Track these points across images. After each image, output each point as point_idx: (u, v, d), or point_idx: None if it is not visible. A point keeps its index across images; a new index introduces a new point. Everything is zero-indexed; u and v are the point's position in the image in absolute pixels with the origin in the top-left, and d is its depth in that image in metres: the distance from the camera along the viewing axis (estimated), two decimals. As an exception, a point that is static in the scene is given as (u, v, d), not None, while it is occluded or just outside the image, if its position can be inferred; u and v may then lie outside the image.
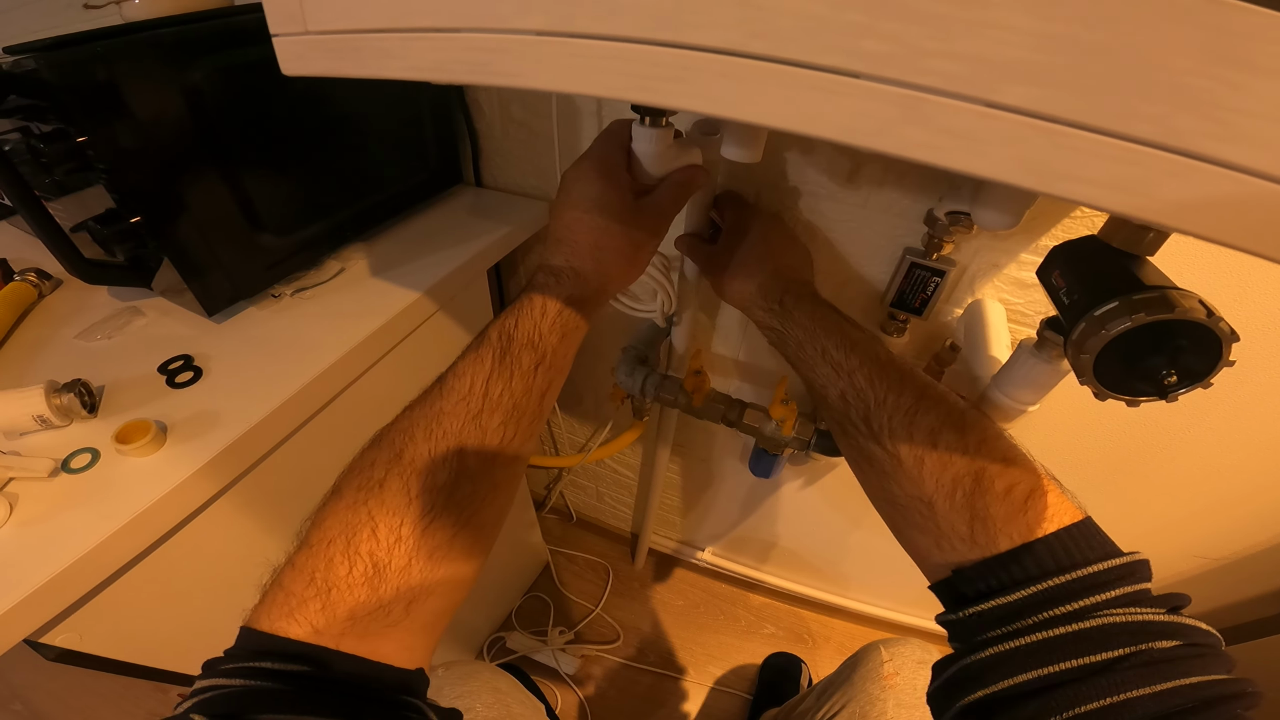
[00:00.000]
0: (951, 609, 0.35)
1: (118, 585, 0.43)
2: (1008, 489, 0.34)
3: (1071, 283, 0.41)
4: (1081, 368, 0.37)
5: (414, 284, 0.59)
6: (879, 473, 0.39)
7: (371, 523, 0.33)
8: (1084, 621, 0.29)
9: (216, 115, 0.48)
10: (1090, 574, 0.30)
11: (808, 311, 0.46)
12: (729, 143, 0.46)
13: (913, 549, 0.39)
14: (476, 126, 0.73)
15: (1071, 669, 0.28)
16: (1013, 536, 0.32)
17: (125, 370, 0.51)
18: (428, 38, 0.25)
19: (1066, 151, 0.18)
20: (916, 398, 0.38)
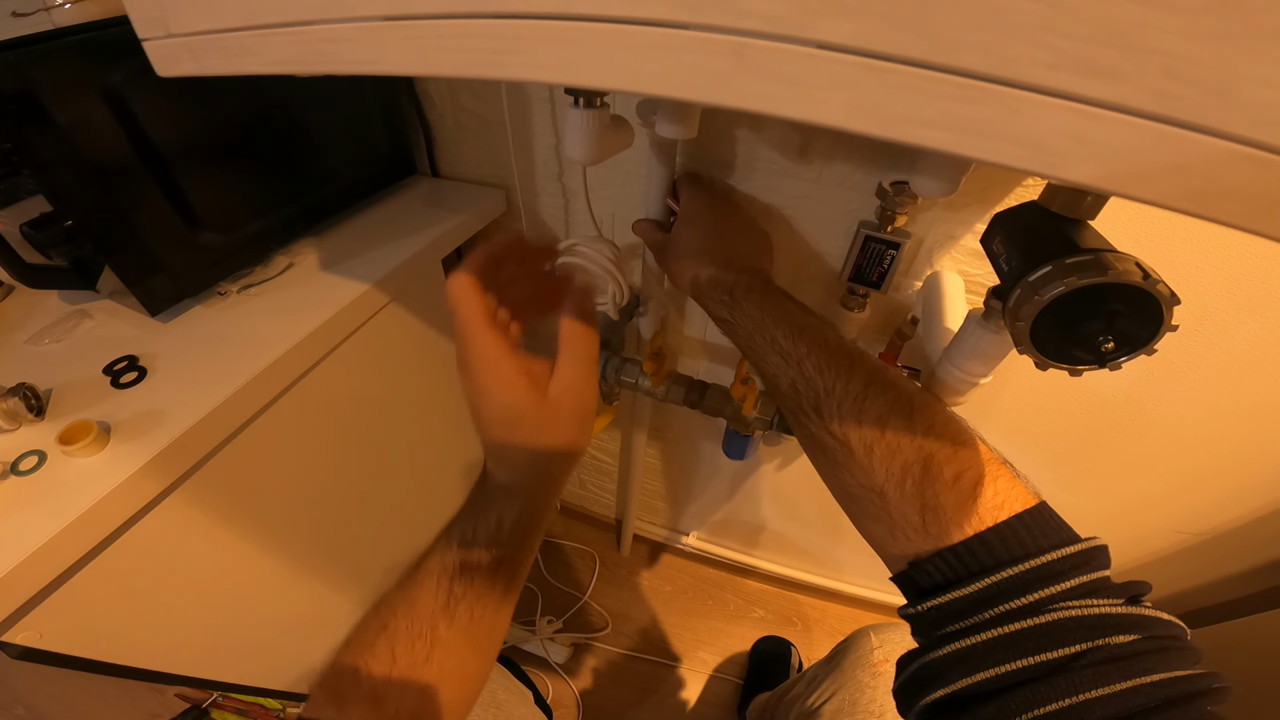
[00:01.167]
0: (911, 602, 0.34)
1: (74, 583, 0.43)
2: (956, 476, 0.33)
3: (1010, 250, 0.40)
4: (1019, 335, 0.36)
5: (364, 276, 0.58)
6: (832, 462, 0.38)
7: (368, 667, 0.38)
8: (1039, 616, 0.28)
9: (142, 116, 0.47)
10: (1044, 564, 0.29)
11: (756, 301, 0.45)
12: (662, 120, 0.46)
13: (871, 540, 0.38)
14: (428, 117, 0.72)
15: (1028, 667, 0.27)
16: (964, 526, 0.31)
17: (72, 373, 0.50)
18: (282, 33, 0.25)
19: (900, 92, 0.17)
20: (865, 384, 0.37)
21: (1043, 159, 0.16)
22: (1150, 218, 0.51)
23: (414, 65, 0.22)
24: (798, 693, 0.79)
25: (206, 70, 0.28)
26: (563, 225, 0.76)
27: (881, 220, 0.57)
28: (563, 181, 0.71)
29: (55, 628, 0.44)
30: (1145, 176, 0.16)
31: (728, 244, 0.51)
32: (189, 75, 0.29)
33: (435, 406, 0.82)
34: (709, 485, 1.12)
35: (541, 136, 0.68)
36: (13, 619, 0.40)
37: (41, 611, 0.42)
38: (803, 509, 1.07)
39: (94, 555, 0.44)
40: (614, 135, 0.48)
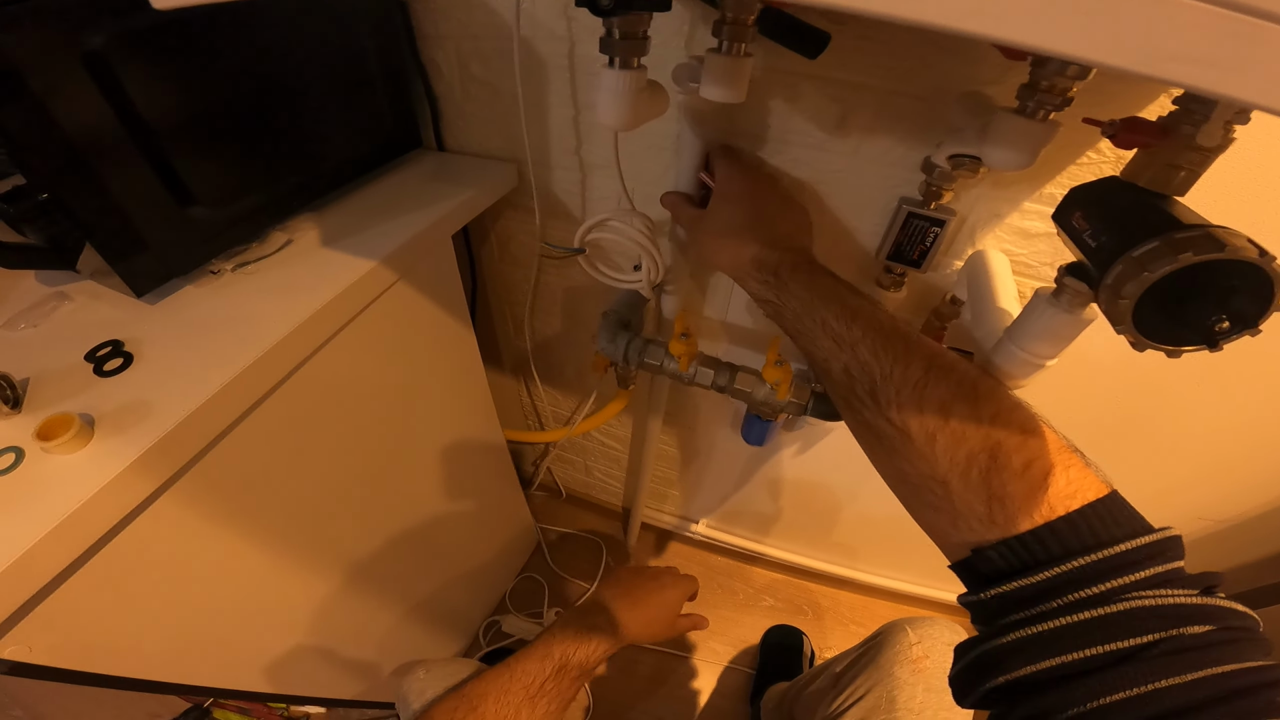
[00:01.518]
0: (973, 590, 0.34)
1: (62, 592, 0.40)
2: (1026, 465, 0.32)
3: (1098, 225, 0.37)
4: (1119, 315, 0.33)
5: (370, 252, 0.54)
6: (889, 450, 0.37)
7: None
8: (1111, 605, 0.27)
9: (127, 82, 0.42)
10: (1117, 553, 0.29)
11: (804, 282, 0.43)
12: (709, 81, 0.42)
13: (929, 528, 0.37)
14: (435, 88, 0.67)
15: (1096, 656, 0.26)
16: (1033, 515, 0.31)
17: (51, 360, 0.46)
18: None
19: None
20: (925, 368, 0.36)
21: None
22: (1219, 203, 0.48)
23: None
24: (821, 687, 0.76)
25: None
26: (579, 200, 0.71)
27: (925, 196, 0.54)
28: (580, 155, 0.66)
29: (45, 641, 0.41)
30: None
31: (769, 221, 0.49)
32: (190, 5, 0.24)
33: (446, 392, 0.78)
34: (722, 472, 1.09)
35: (558, 108, 0.63)
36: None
37: (29, 624, 0.39)
38: (818, 495, 1.05)
39: (83, 561, 0.40)
40: (649, 100, 0.45)
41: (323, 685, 0.77)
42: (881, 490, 0.40)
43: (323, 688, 0.77)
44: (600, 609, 0.66)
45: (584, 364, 0.97)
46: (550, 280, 0.85)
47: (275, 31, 0.50)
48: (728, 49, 0.39)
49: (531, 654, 0.59)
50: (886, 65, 0.49)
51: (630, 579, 0.72)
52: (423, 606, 0.92)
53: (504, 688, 0.55)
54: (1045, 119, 0.38)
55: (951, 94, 0.49)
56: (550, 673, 0.57)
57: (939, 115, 0.50)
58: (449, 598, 1.01)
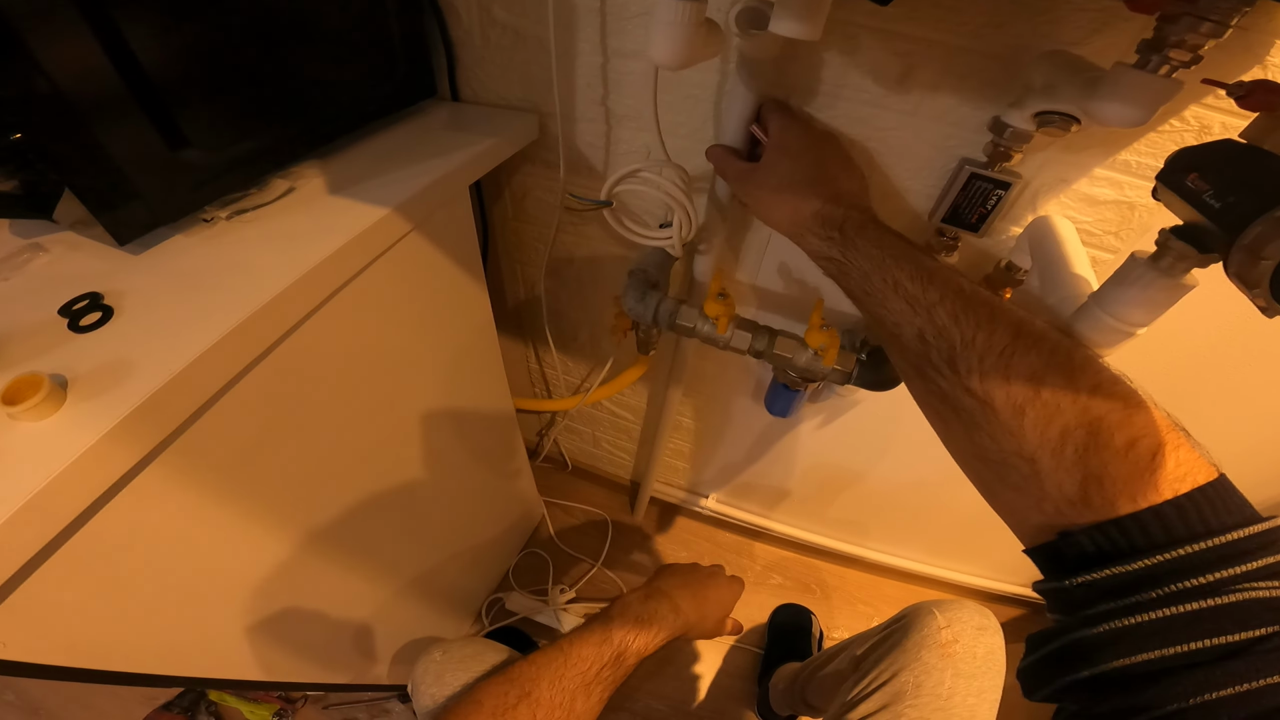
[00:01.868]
0: (1053, 576, 0.32)
1: (34, 581, 0.35)
2: (1130, 443, 0.29)
3: (1221, 185, 0.35)
4: (1257, 278, 0.30)
5: (382, 200, 0.49)
6: (966, 424, 0.34)
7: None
8: (1221, 596, 0.25)
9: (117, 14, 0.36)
10: (1229, 542, 0.26)
11: (873, 239, 0.40)
12: (782, 15, 0.37)
13: (1005, 510, 0.35)
14: (452, 34, 0.62)
15: (1202, 649, 0.25)
16: (1135, 499, 0.28)
17: (22, 316, 0.40)
18: None
19: None
20: (1013, 335, 0.33)
21: None
22: None
23: None
24: (839, 669, 0.74)
25: None
26: (602, 154, 0.66)
27: (991, 158, 0.51)
28: (607, 105, 0.61)
29: (19, 635, 0.37)
30: None
31: (832, 177, 0.46)
32: None
33: (456, 355, 0.74)
34: (737, 444, 1.06)
35: (586, 54, 0.58)
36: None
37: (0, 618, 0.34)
38: (835, 470, 1.02)
39: (59, 544, 0.35)
40: (705, 38, 0.41)
41: (320, 670, 0.73)
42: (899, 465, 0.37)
43: (320, 673, 0.74)
44: (663, 595, 0.63)
45: (598, 329, 0.93)
46: (566, 240, 0.80)
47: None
48: (811, -20, 0.34)
49: (589, 638, 0.56)
50: (956, 20, 0.46)
51: (691, 571, 0.69)
52: (424, 584, 0.88)
53: (559, 672, 0.52)
54: (1169, 75, 0.35)
55: (1028, 53, 0.46)
56: (608, 659, 0.54)
57: (1011, 75, 0.47)
58: (451, 575, 0.97)
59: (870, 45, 0.50)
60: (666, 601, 0.62)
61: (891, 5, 0.40)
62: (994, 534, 0.93)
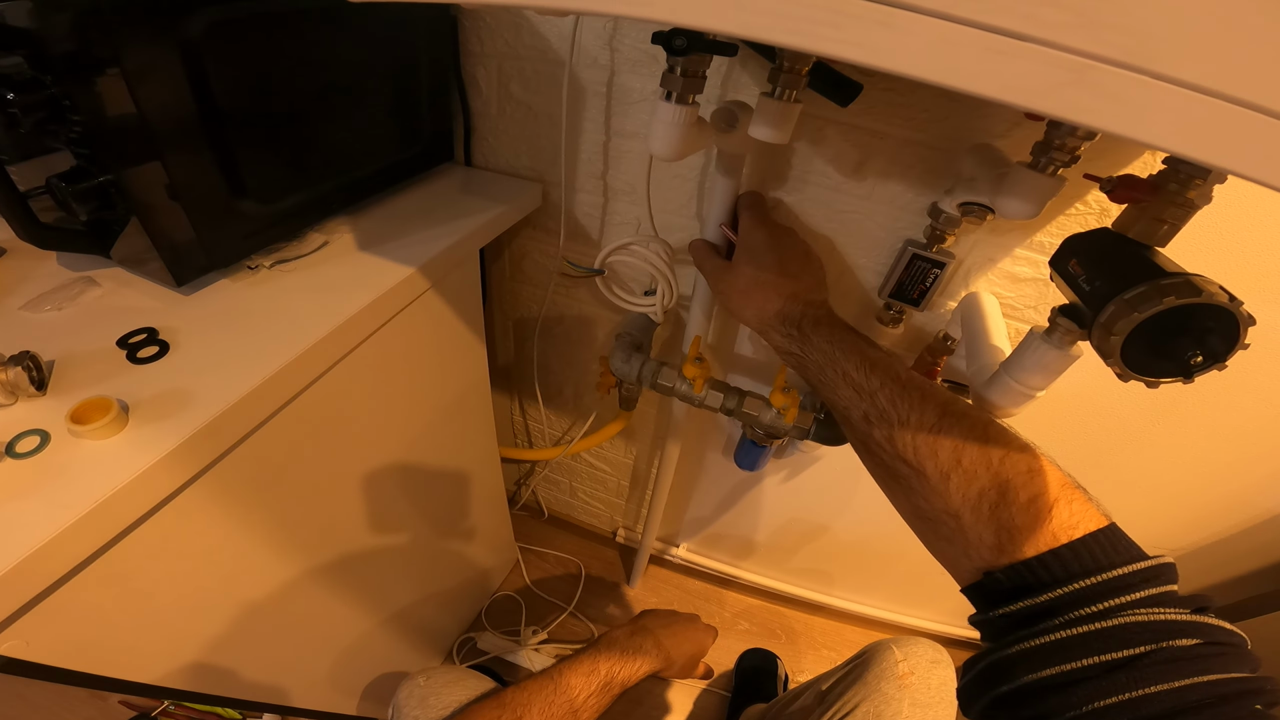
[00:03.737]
0: (982, 610, 0.37)
1: (71, 585, 0.37)
2: (1031, 499, 0.35)
3: (1092, 270, 0.42)
4: (1109, 350, 0.38)
5: (406, 259, 0.55)
6: (905, 488, 0.40)
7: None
8: (1107, 620, 0.30)
9: (210, 70, 0.43)
10: (1115, 577, 0.31)
11: (825, 335, 0.46)
12: (760, 122, 0.45)
13: (942, 558, 0.40)
14: (472, 104, 0.70)
15: (1093, 665, 0.29)
16: (1037, 544, 0.34)
17: (79, 344, 0.45)
18: None
19: (1235, 127, 0.18)
20: (939, 415, 0.39)
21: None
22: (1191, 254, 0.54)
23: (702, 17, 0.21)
24: (806, 705, 0.78)
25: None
26: (598, 224, 0.74)
27: (930, 240, 0.58)
28: (605, 180, 0.70)
29: (44, 637, 0.38)
30: None
31: (791, 274, 0.52)
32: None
33: (454, 404, 0.79)
34: (708, 496, 1.11)
35: (590, 132, 0.66)
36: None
37: (32, 618, 0.36)
38: (800, 521, 1.08)
39: (101, 553, 0.38)
40: (696, 135, 0.48)
41: (293, 694, 0.74)
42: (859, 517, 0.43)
43: (293, 696, 0.74)
44: (647, 632, 0.67)
45: (583, 385, 0.99)
46: (558, 301, 0.87)
47: (344, 35, 0.53)
48: (780, 94, 0.43)
49: (578, 667, 0.59)
50: (905, 116, 0.54)
51: (671, 615, 0.74)
52: (401, 619, 0.90)
53: (549, 699, 0.55)
54: (1054, 174, 0.43)
55: (963, 145, 0.54)
56: (596, 688, 0.58)
57: (949, 164, 0.55)
58: (427, 611, 0.99)
59: (833, 137, 0.58)
60: (650, 637, 0.66)
61: (853, 102, 0.49)
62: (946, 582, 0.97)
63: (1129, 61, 0.18)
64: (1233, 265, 0.55)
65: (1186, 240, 0.53)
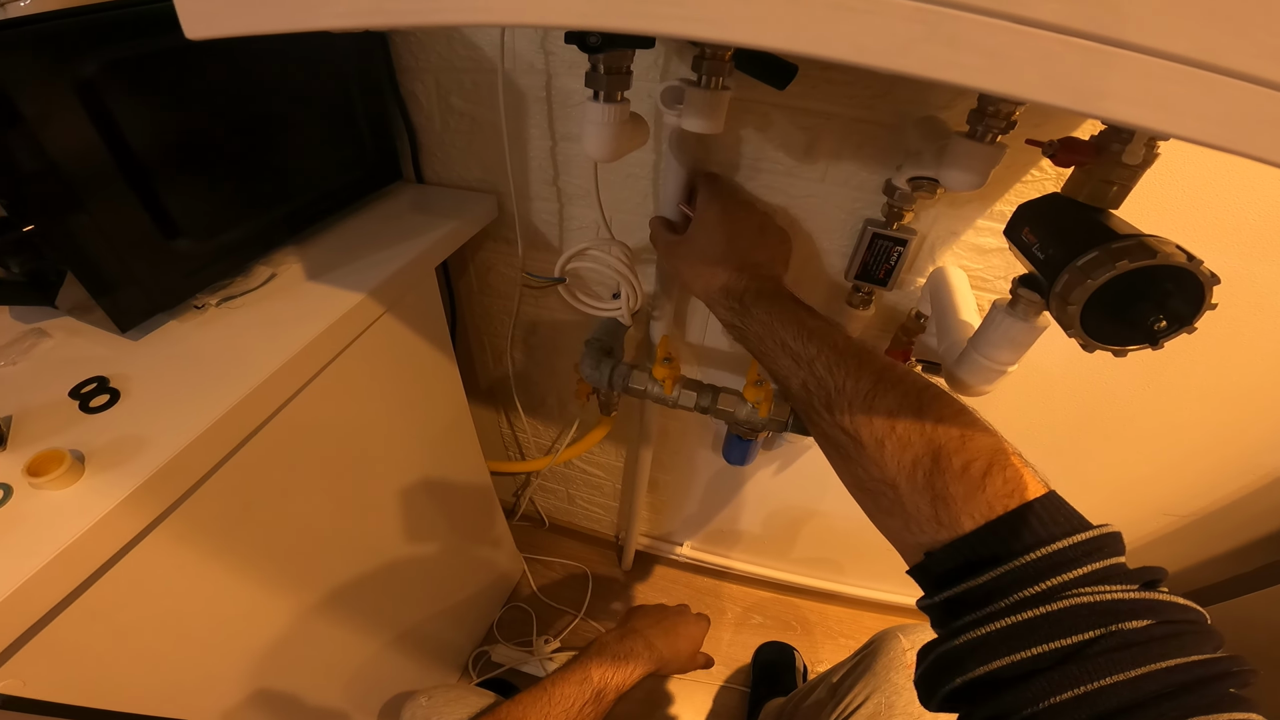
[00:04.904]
0: (928, 594, 0.35)
1: (55, 625, 0.39)
2: (965, 466, 0.33)
3: (1045, 238, 0.41)
4: (1068, 320, 0.36)
5: (356, 285, 0.55)
6: (845, 458, 0.39)
7: None
8: (1052, 603, 0.28)
9: (116, 111, 0.42)
10: (1054, 551, 0.29)
11: (765, 306, 0.46)
12: (690, 114, 0.44)
13: (887, 532, 0.39)
14: (414, 119, 0.69)
15: (1043, 654, 0.27)
16: (974, 516, 0.32)
17: (33, 397, 0.45)
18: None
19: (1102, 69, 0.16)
20: (874, 381, 0.38)
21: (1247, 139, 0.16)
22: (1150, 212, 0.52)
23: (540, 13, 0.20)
24: (819, 699, 0.77)
25: (255, 27, 0.24)
26: (556, 230, 0.73)
27: (888, 217, 0.57)
28: (558, 185, 0.69)
29: (39, 674, 0.40)
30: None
31: (740, 249, 0.51)
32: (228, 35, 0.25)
33: (431, 424, 0.78)
34: (704, 493, 1.10)
35: (537, 139, 0.65)
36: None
37: (22, 658, 0.38)
38: (799, 512, 1.07)
39: (76, 595, 0.39)
40: (631, 132, 0.47)
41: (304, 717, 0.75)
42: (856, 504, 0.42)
43: None
44: (637, 635, 0.67)
45: (565, 393, 0.98)
46: (529, 311, 0.86)
47: (262, 63, 0.52)
48: (707, 82, 0.41)
49: (569, 678, 0.59)
50: (848, 94, 0.53)
51: (660, 612, 0.74)
52: (409, 639, 0.90)
53: (544, 711, 0.55)
54: (993, 141, 0.41)
55: (909, 119, 0.52)
56: (589, 697, 0.58)
57: (898, 140, 0.54)
58: (436, 630, 0.99)
59: (779, 121, 0.56)
60: (641, 640, 0.66)
61: (791, 85, 0.47)
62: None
63: (988, 6, 0.17)
64: (1203, 221, 0.53)
65: (1151, 200, 0.52)
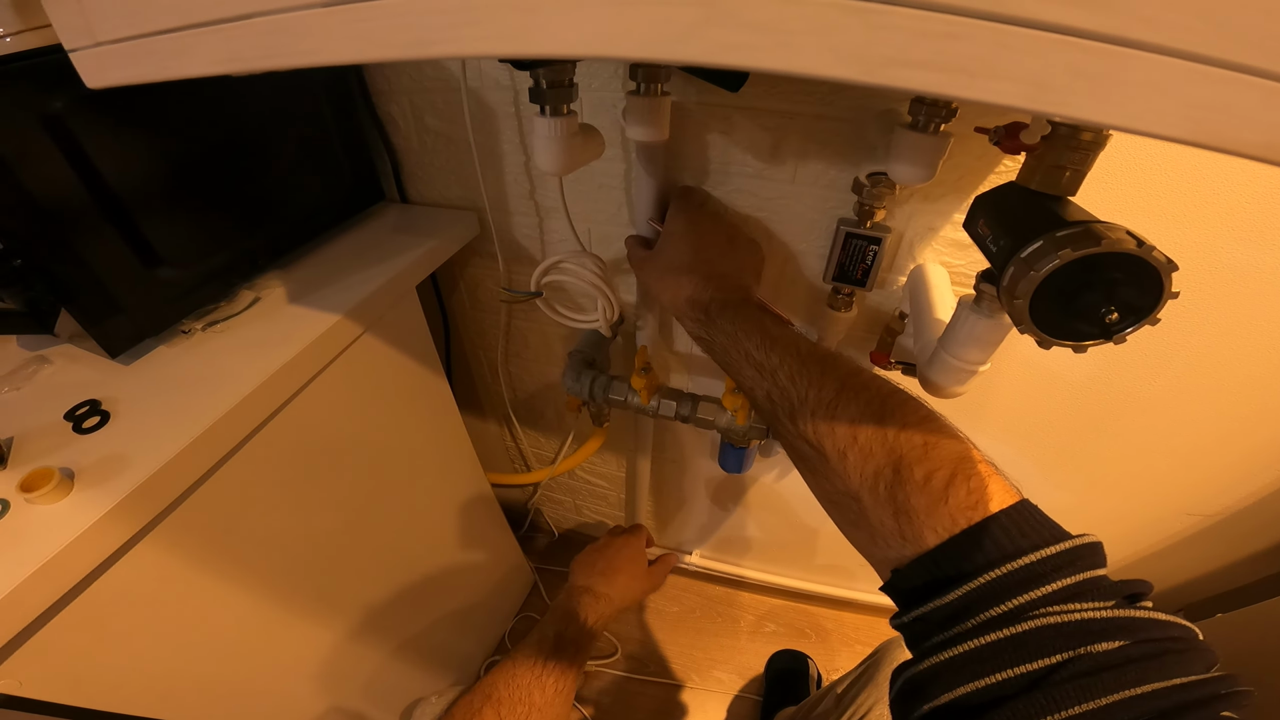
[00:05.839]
0: (900, 612, 0.33)
1: (49, 629, 0.42)
2: (926, 476, 0.31)
3: (996, 230, 0.39)
4: (1018, 314, 0.35)
5: (334, 306, 0.56)
6: (811, 470, 0.38)
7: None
8: (1018, 624, 0.26)
9: (88, 146, 0.45)
10: (1021, 567, 0.27)
11: (730, 317, 0.45)
12: (632, 122, 0.44)
13: (857, 546, 0.37)
14: (393, 141, 0.71)
15: (1009, 679, 0.25)
16: (937, 530, 0.30)
17: (33, 420, 0.48)
18: (217, 30, 0.23)
19: (886, 32, 0.15)
20: (838, 389, 0.36)
21: (1040, 95, 0.15)
22: (1127, 196, 0.51)
23: (361, 51, 0.21)
24: (826, 708, 0.76)
25: (139, 77, 0.26)
26: (538, 244, 0.74)
27: (860, 216, 0.56)
28: (535, 199, 0.69)
29: (35, 675, 0.42)
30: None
31: (705, 260, 0.51)
32: (119, 84, 0.27)
33: (423, 439, 0.80)
34: (708, 502, 1.10)
35: (510, 154, 0.66)
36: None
37: (18, 659, 0.40)
38: (805, 518, 1.05)
39: (67, 602, 0.42)
40: (584, 144, 0.47)
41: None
42: None
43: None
44: (579, 590, 0.70)
45: (562, 405, 0.99)
46: (520, 325, 0.87)
47: (231, 94, 0.54)
48: (645, 89, 0.42)
49: (528, 641, 0.62)
50: (806, 90, 0.52)
51: (590, 556, 0.76)
52: (419, 649, 0.91)
53: (510, 673, 0.58)
54: (936, 131, 0.40)
55: (869, 113, 0.51)
56: (548, 653, 0.60)
57: (860, 136, 0.53)
58: (445, 640, 1.00)
59: (743, 124, 0.56)
60: (586, 594, 0.69)
61: (748, 86, 0.47)
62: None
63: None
64: (1191, 206, 0.50)
65: (1126, 185, 0.50)
